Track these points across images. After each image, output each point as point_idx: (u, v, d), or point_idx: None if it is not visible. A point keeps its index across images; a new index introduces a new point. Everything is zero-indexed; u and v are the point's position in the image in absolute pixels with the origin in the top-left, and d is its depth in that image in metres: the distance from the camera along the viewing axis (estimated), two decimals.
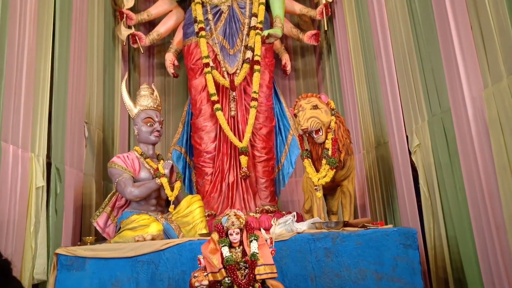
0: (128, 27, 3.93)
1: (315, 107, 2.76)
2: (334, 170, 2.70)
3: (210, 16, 3.67)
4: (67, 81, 2.90)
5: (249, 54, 3.56)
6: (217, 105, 3.44)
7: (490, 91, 1.91)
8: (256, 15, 3.66)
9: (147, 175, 2.91)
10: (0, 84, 2.14)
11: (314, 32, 4.04)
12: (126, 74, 3.53)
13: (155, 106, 3.14)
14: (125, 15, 3.88)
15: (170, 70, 3.93)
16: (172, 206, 2.86)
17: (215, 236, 1.98)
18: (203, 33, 3.58)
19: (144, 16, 4.00)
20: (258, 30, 3.60)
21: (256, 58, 3.55)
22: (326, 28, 3.96)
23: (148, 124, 3.04)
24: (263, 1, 3.70)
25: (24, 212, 2.28)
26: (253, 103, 3.49)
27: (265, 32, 3.53)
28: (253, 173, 3.46)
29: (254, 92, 3.51)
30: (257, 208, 3.34)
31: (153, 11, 4.03)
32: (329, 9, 3.91)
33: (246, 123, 3.47)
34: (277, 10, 3.67)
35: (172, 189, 2.89)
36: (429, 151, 2.48)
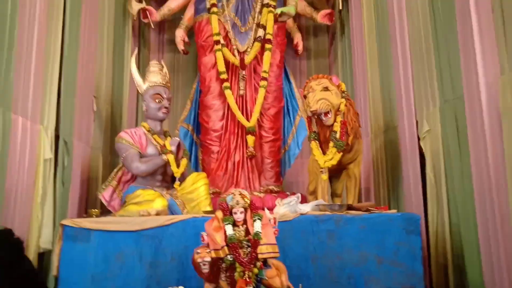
0: (139, 1, 3.88)
1: (326, 89, 2.72)
2: (341, 153, 2.69)
3: None
4: (77, 55, 2.90)
5: (261, 33, 3.50)
6: (226, 84, 3.41)
7: (507, 78, 1.85)
8: None
9: (154, 151, 2.93)
10: (11, 57, 2.14)
11: (328, 11, 3.94)
12: (136, 50, 3.51)
13: (164, 83, 3.13)
14: None
15: (180, 47, 3.89)
16: (178, 183, 2.88)
17: (219, 214, 1.99)
18: (215, 10, 3.52)
19: None
20: (271, 8, 3.52)
21: (268, 37, 3.49)
22: (341, 8, 3.85)
23: (157, 101, 3.04)
24: None
25: (32, 183, 2.32)
26: (263, 83, 3.45)
27: (278, 10, 3.46)
28: (259, 153, 3.46)
29: (264, 72, 3.47)
30: (262, 188, 3.36)
31: None
32: None
33: (255, 103, 3.44)
34: None
35: (178, 166, 2.91)
36: (439, 138, 2.45)
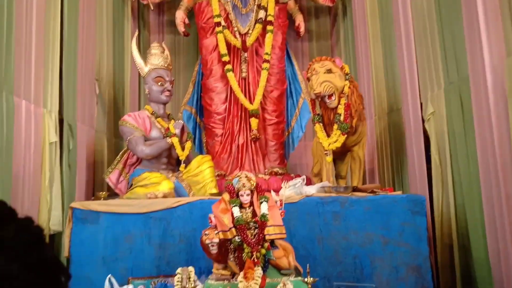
0: None
1: (329, 71, 2.71)
2: (345, 136, 2.70)
3: None
4: (77, 38, 2.86)
5: (262, 14, 3.45)
6: (228, 66, 3.38)
7: None
8: None
9: (158, 134, 2.93)
10: (11, 40, 2.11)
11: None
12: (136, 32, 3.46)
13: (166, 65, 3.10)
14: None
15: (181, 29, 3.82)
16: (183, 165, 2.89)
17: (226, 197, 2.01)
18: None
19: None
20: None
21: (269, 18, 3.44)
22: None
23: (159, 84, 3.02)
24: None
25: (39, 167, 2.33)
26: (265, 65, 3.42)
27: None
28: (263, 136, 3.46)
29: (266, 54, 3.43)
30: (266, 170, 3.37)
31: None
32: None
33: (257, 85, 3.42)
34: None
35: (183, 149, 2.92)
36: (443, 119, 2.45)
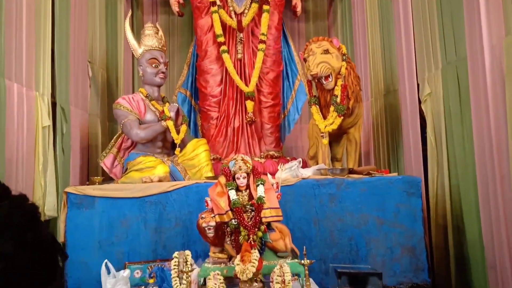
0: None
1: (326, 52, 2.68)
2: (342, 118, 2.68)
3: None
4: (69, 18, 2.80)
5: None
6: (224, 47, 3.33)
7: (511, 40, 1.83)
8: None
9: (153, 117, 2.90)
10: (0, 22, 2.05)
11: None
12: (129, 12, 3.38)
13: (160, 47, 3.05)
14: None
15: (175, 9, 3.74)
16: (178, 149, 2.87)
17: (222, 180, 2.00)
18: None
19: None
20: None
21: None
22: None
23: (153, 65, 2.98)
24: None
25: (32, 151, 2.31)
26: (261, 46, 3.37)
27: None
28: (259, 119, 3.43)
29: (262, 34, 3.38)
30: (262, 153, 3.36)
31: None
32: None
33: (253, 67, 3.37)
34: None
35: (178, 132, 2.89)
36: (440, 100, 2.44)
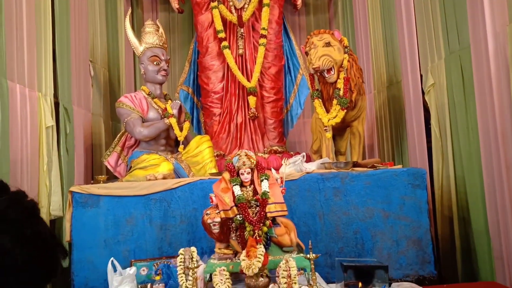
0: None
1: (328, 45, 2.66)
2: (345, 111, 2.67)
3: None
4: (69, 18, 2.79)
5: None
6: (225, 43, 3.31)
7: None
8: None
9: (156, 115, 2.89)
10: (1, 22, 2.05)
11: None
12: (129, 10, 3.38)
13: (161, 44, 3.04)
14: None
15: (175, 5, 3.73)
16: (182, 146, 2.87)
17: (227, 176, 2.00)
18: None
19: None
20: None
21: None
22: None
23: (155, 63, 2.97)
24: None
25: (36, 152, 2.31)
26: (262, 41, 3.35)
27: None
28: (262, 114, 3.42)
29: (263, 29, 3.36)
30: (265, 149, 3.35)
31: None
32: None
33: (255, 62, 3.36)
34: None
35: (181, 130, 2.89)
36: (444, 91, 2.42)
